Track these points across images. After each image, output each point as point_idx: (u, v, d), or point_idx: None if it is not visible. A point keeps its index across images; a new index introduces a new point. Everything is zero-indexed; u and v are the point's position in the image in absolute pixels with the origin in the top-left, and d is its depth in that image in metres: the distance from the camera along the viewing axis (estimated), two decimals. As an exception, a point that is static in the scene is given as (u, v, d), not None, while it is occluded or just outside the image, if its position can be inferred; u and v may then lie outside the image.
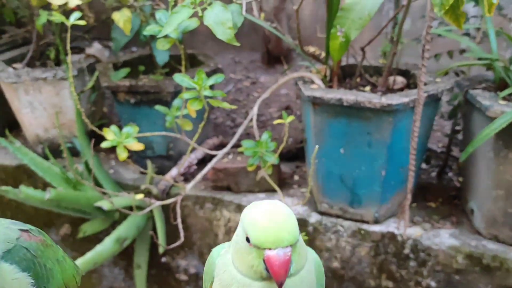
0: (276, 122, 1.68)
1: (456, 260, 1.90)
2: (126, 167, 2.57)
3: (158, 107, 1.83)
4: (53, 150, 2.45)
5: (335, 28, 1.62)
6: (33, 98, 2.39)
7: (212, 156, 2.12)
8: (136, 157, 2.43)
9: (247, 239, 0.66)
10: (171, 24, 1.30)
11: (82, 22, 1.52)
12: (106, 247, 2.06)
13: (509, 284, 1.85)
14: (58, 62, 2.55)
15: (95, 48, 2.54)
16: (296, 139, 2.69)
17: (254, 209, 0.69)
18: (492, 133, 1.62)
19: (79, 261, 2.03)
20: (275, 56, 4.15)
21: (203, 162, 2.40)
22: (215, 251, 0.76)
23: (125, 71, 2.22)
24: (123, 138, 1.50)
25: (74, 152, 2.47)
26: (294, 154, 2.56)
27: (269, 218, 0.66)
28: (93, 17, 2.37)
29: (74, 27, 1.57)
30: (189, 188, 1.87)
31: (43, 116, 2.47)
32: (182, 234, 1.67)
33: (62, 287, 0.75)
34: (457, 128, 2.23)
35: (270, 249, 0.65)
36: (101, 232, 2.47)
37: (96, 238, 2.46)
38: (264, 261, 0.65)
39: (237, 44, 1.29)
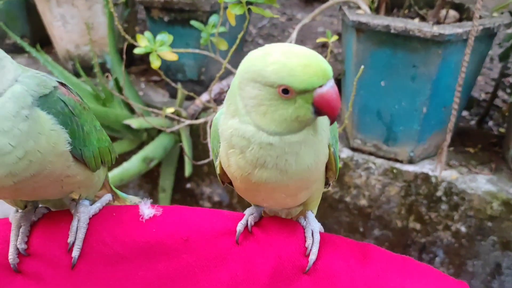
0: (319, 40, 1.57)
1: (491, 206, 1.82)
2: (156, 90, 2.52)
3: (193, 23, 1.75)
4: (83, 68, 2.41)
5: None
6: (65, 11, 2.32)
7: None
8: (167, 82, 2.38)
9: (284, 91, 0.57)
10: None
11: None
12: (133, 165, 2.04)
13: (544, 235, 1.78)
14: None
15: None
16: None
17: (270, 56, 0.58)
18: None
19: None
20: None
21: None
22: (216, 116, 0.69)
23: (159, -14, 2.12)
24: (157, 45, 1.44)
25: (105, 70, 2.43)
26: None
27: (304, 56, 0.57)
28: None
29: None
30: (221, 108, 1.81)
31: (75, 31, 2.41)
32: (211, 153, 1.62)
33: (98, 157, 0.71)
34: (506, 72, 2.09)
35: (320, 86, 0.58)
36: (129, 153, 2.47)
37: (123, 160, 2.46)
38: (313, 103, 0.58)
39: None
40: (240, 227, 0.68)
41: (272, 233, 0.65)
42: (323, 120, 0.64)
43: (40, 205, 0.70)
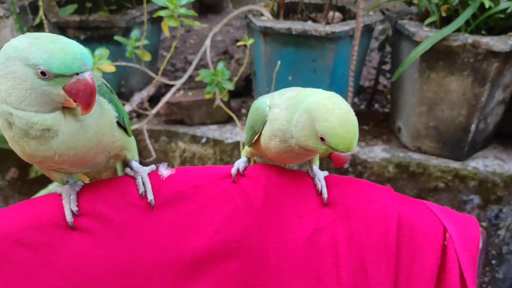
0: (239, 44, 1.82)
1: (388, 170, 2.21)
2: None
3: (117, 38, 1.90)
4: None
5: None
6: (-29, 37, 2.31)
7: (162, 94, 2.22)
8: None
9: (322, 139, 0.79)
10: None
11: None
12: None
13: (430, 187, 2.21)
14: (-6, 1, 2.45)
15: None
16: (238, 78, 2.86)
17: (329, 117, 0.78)
18: (418, 54, 1.90)
19: (42, 192, 2.07)
20: (207, 5, 4.23)
21: (151, 100, 2.49)
22: (260, 103, 0.91)
23: (72, 7, 2.23)
24: (97, 59, 1.57)
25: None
26: (239, 91, 2.74)
27: (347, 130, 0.78)
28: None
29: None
30: (153, 113, 1.98)
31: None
32: (153, 152, 1.79)
33: (129, 123, 0.89)
34: (384, 60, 2.53)
35: (342, 152, 0.80)
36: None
37: (47, 179, 2.48)
38: (330, 155, 0.81)
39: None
40: (234, 170, 0.92)
41: (259, 174, 0.88)
42: None
43: (76, 181, 0.86)
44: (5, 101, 0.72)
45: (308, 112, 0.81)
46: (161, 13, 1.47)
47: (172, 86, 2.38)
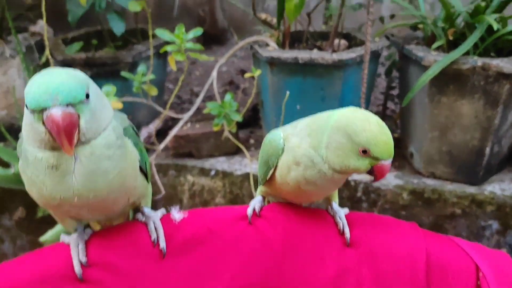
0: (247, 75, 1.81)
1: (402, 197, 2.16)
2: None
3: (124, 73, 1.90)
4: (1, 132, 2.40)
5: (290, -9, 1.79)
6: (-21, 77, 2.32)
7: (169, 127, 2.20)
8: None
9: (364, 151, 0.76)
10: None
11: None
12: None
13: (446, 213, 2.15)
14: None
15: (40, 26, 2.50)
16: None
17: (367, 126, 0.76)
18: (428, 79, 1.88)
19: (50, 233, 2.04)
20: (211, 37, 4.26)
21: (158, 134, 2.47)
22: (273, 136, 0.88)
23: (78, 44, 2.24)
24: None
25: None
26: (247, 122, 2.71)
27: (387, 136, 0.77)
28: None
29: (16, 5, 1.58)
30: (161, 147, 1.95)
31: (-10, 96, 2.40)
32: (162, 188, 1.75)
33: (150, 169, 0.86)
34: (392, 85, 2.51)
35: (385, 159, 0.79)
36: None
37: (54, 219, 2.45)
38: (372, 169, 0.79)
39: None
40: (249, 211, 0.87)
41: (276, 214, 0.84)
42: None
43: (85, 229, 0.82)
44: (25, 139, 0.73)
45: (341, 129, 0.78)
46: (168, 47, 1.46)
47: (179, 119, 2.36)
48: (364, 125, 0.76)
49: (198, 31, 1.49)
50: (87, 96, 0.69)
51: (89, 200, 0.72)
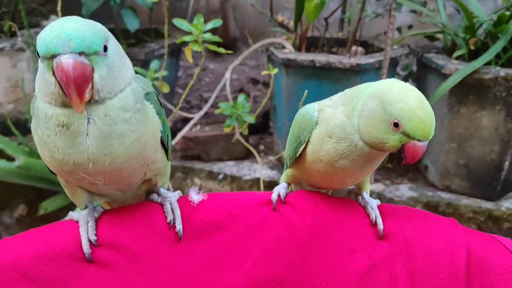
0: (263, 73, 1.76)
1: (416, 210, 2.09)
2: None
3: (136, 69, 1.84)
4: (5, 127, 2.35)
5: (311, -9, 1.75)
6: (-13, 69, 2.28)
7: (178, 129, 2.14)
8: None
9: (395, 125, 0.68)
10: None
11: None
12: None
13: (461, 229, 2.07)
14: (12, 35, 2.45)
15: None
16: (257, 115, 2.79)
17: (404, 98, 0.68)
18: (448, 87, 1.82)
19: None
20: (222, 45, 4.24)
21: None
22: (307, 109, 0.81)
23: (91, 40, 2.20)
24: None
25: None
26: (257, 128, 2.66)
27: (426, 113, 0.67)
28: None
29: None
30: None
31: (-2, 89, 2.36)
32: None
33: (171, 146, 0.79)
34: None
35: (419, 140, 0.69)
36: (62, 209, 2.40)
37: (56, 217, 2.38)
38: (403, 147, 0.70)
39: None
40: (274, 196, 0.80)
41: (303, 200, 0.77)
42: None
43: (95, 206, 0.76)
44: (37, 94, 0.66)
45: (377, 96, 0.70)
46: (185, 38, 1.41)
47: (188, 121, 2.31)
48: (401, 95, 0.69)
49: (217, 22, 1.45)
50: (105, 49, 0.63)
51: (105, 166, 0.65)
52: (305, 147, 0.79)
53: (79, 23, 0.61)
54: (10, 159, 2.18)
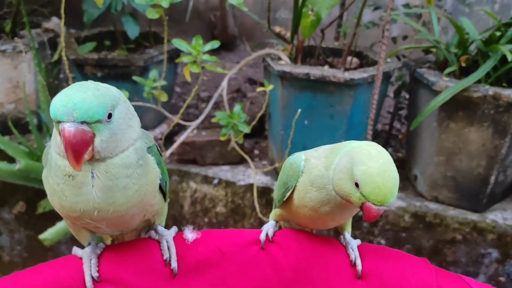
0: (259, 89, 1.81)
1: (404, 219, 2.16)
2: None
3: (135, 78, 1.90)
4: (5, 127, 2.39)
5: (307, 7, 1.79)
6: (-11, 70, 2.32)
7: (175, 133, 2.19)
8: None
9: (356, 184, 0.74)
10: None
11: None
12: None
13: (447, 239, 2.15)
14: (13, 36, 2.48)
15: (54, 23, 2.51)
16: (252, 118, 2.84)
17: (369, 162, 0.73)
18: (438, 104, 1.88)
19: (50, 231, 2.03)
20: (220, 43, 4.28)
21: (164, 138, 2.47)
22: (295, 158, 0.88)
23: (91, 45, 2.24)
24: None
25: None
26: (252, 132, 2.71)
27: (384, 181, 0.72)
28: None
29: (30, 0, 1.58)
30: (168, 154, 1.95)
31: (-1, 90, 2.40)
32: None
33: (169, 189, 0.86)
34: (400, 105, 2.51)
35: (374, 204, 0.74)
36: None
37: (54, 216, 2.44)
38: (362, 205, 0.75)
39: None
40: (262, 236, 0.87)
41: (289, 240, 0.84)
42: None
43: (97, 243, 0.82)
44: (51, 144, 0.75)
45: (349, 155, 0.77)
46: (184, 59, 1.46)
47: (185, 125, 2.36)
48: (367, 159, 0.74)
49: (215, 44, 1.50)
50: (110, 116, 0.69)
51: (109, 214, 0.72)
52: (292, 192, 0.86)
53: (88, 93, 0.67)
54: (10, 159, 2.23)
